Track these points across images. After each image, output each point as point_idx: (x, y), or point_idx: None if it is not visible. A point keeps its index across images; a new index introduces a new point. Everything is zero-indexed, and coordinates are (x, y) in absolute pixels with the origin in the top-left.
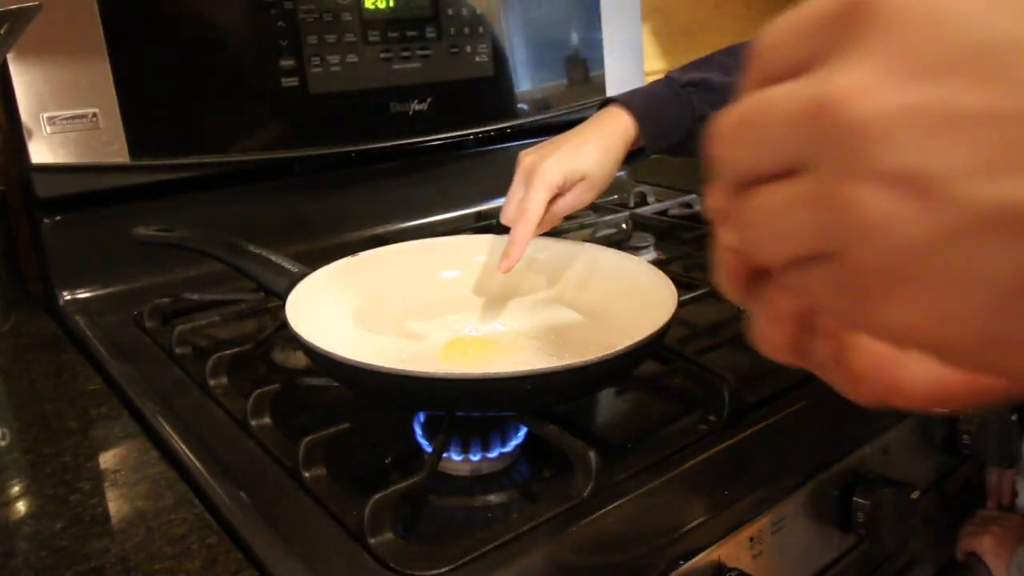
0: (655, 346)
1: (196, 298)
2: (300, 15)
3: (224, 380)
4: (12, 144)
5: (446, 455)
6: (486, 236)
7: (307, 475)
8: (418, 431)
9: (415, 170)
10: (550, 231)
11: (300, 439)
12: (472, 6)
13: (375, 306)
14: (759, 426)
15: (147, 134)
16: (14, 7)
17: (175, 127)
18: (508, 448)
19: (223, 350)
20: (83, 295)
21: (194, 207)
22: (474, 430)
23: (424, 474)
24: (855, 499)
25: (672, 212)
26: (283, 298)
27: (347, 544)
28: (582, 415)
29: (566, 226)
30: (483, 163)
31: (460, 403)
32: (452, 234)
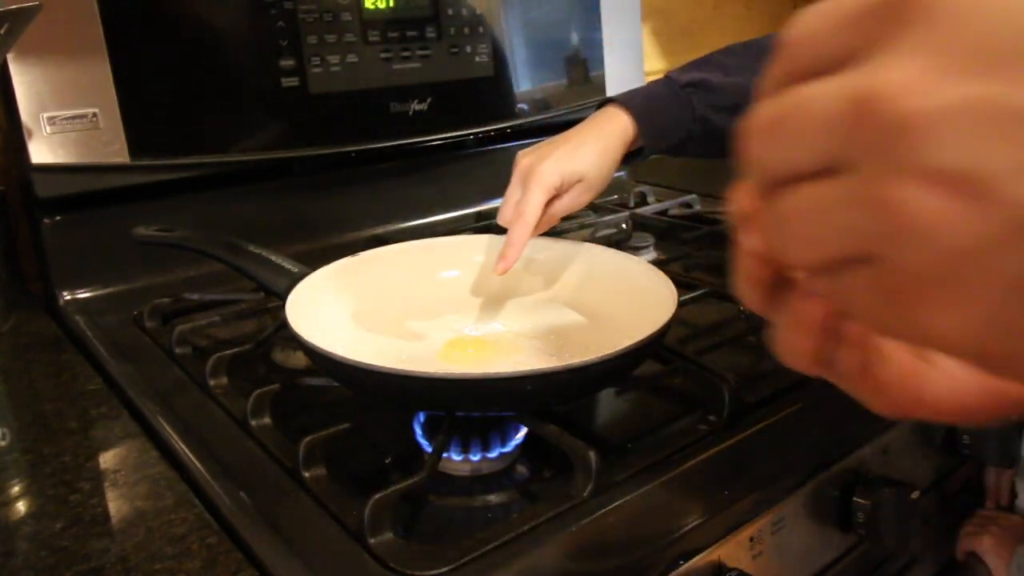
0: (655, 346)
1: (196, 298)
2: (300, 15)
3: (224, 380)
4: (12, 144)
5: (446, 455)
6: (486, 236)
7: (307, 475)
8: (418, 431)
9: (415, 170)
10: (549, 231)
11: (300, 439)
12: (472, 6)
13: (375, 306)
14: (759, 426)
15: (147, 134)
16: (14, 7)
17: (175, 127)
18: (508, 448)
19: (223, 350)
20: (83, 295)
21: (194, 207)
22: (474, 430)
23: (424, 474)
24: (855, 499)
25: (672, 212)
26: (283, 298)
27: (347, 544)
28: (582, 415)
29: (566, 226)
30: (483, 163)
31: (460, 403)
32: (452, 234)
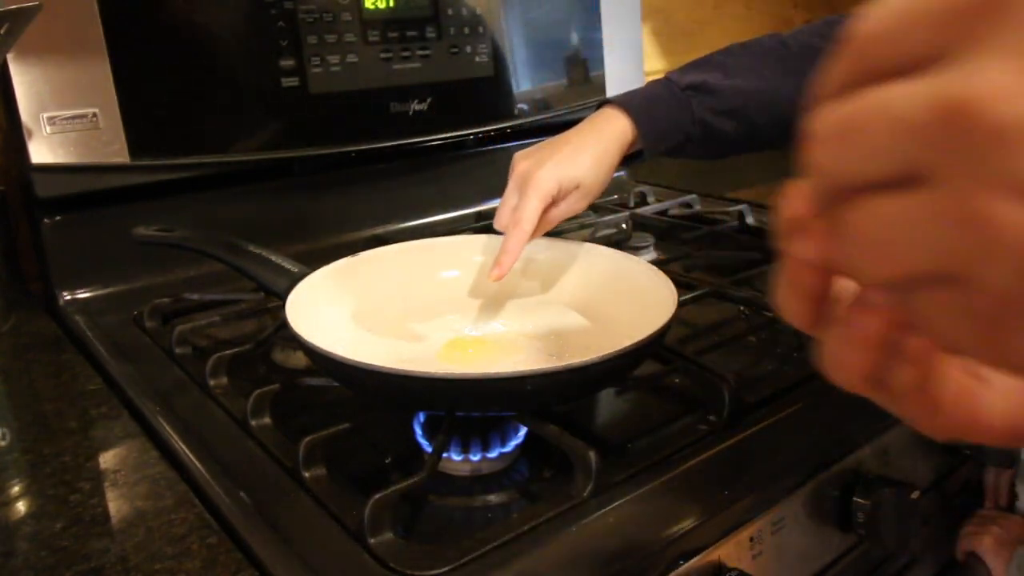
0: (655, 346)
1: (196, 298)
2: (300, 15)
3: (224, 380)
4: (12, 144)
5: (446, 455)
6: (485, 236)
7: (307, 475)
8: (418, 431)
9: (415, 170)
10: (549, 231)
11: (300, 439)
12: (472, 6)
13: (375, 306)
14: (759, 426)
15: (147, 134)
16: (14, 7)
17: (175, 127)
18: (508, 448)
19: (223, 350)
20: (83, 295)
21: (194, 207)
22: (474, 430)
23: (424, 474)
24: (855, 499)
25: (672, 212)
26: (283, 298)
27: (347, 544)
28: (582, 415)
29: (566, 226)
30: (483, 163)
31: (460, 403)
32: (452, 234)
